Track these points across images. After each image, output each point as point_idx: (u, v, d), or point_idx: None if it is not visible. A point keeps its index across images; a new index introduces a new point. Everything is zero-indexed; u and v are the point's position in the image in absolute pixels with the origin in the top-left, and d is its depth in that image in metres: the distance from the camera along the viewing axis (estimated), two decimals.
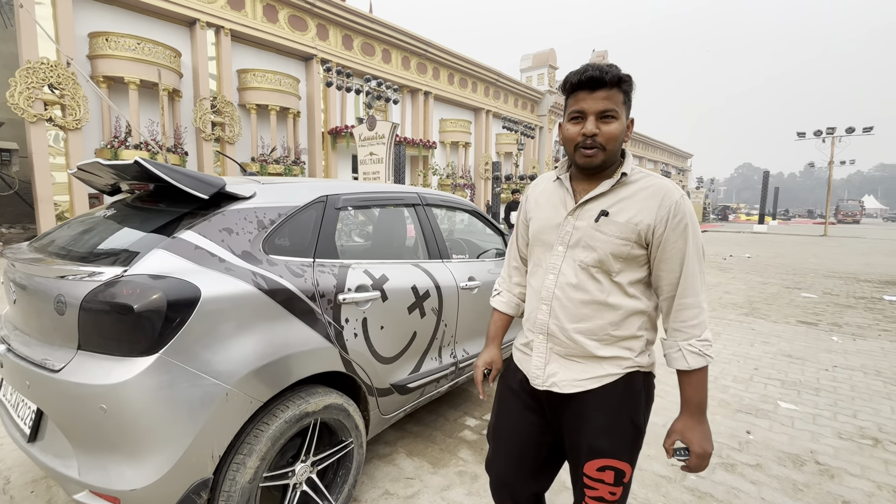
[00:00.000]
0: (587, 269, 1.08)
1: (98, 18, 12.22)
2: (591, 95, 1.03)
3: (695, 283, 1.05)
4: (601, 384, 1.10)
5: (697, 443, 1.06)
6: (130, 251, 1.39)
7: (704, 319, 1.06)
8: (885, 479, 2.17)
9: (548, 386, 1.14)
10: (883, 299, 6.73)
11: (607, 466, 1.10)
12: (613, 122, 1.03)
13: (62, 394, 1.29)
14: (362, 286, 1.83)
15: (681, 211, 1.04)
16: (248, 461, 1.40)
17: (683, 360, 1.06)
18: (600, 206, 1.08)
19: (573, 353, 1.12)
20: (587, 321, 1.09)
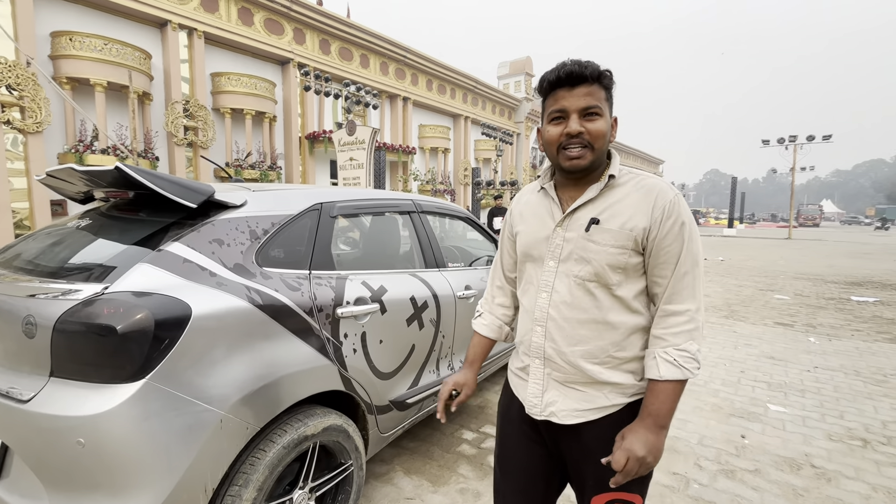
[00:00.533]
0: (583, 284, 0.99)
1: (61, 17, 11.68)
2: (572, 92, 0.94)
3: (683, 289, 0.95)
4: (604, 414, 1.01)
5: (632, 442, 0.92)
6: (111, 266, 1.26)
7: (691, 329, 0.94)
8: (878, 481, 2.20)
9: (546, 416, 1.04)
10: (851, 300, 7.01)
11: (617, 500, 1.01)
12: (598, 119, 0.95)
13: (32, 427, 1.15)
14: (361, 298, 1.74)
15: (675, 209, 0.95)
16: (245, 493, 1.29)
17: (656, 368, 0.94)
18: (590, 213, 0.99)
19: (572, 380, 1.02)
20: (586, 343, 0.99)
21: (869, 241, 22.04)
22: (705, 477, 2.21)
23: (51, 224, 1.83)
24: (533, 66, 28.55)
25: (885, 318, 5.78)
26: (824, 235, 27.95)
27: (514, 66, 28.57)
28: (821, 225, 49.19)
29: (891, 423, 2.82)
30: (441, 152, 22.78)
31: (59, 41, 11.41)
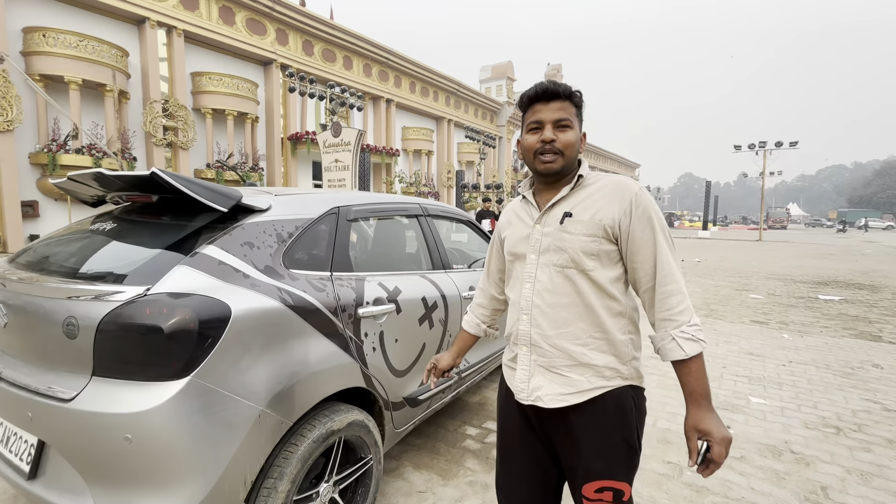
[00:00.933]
0: (562, 271, 1.09)
1: (34, 12, 11.29)
2: (547, 106, 1.09)
3: (672, 270, 1.04)
4: (586, 399, 1.08)
5: (717, 431, 0.99)
6: (147, 268, 1.30)
7: (689, 304, 1.04)
8: (852, 464, 2.38)
9: (532, 400, 1.12)
10: (819, 298, 7.40)
11: (605, 487, 1.08)
12: (569, 130, 1.09)
13: (76, 425, 1.18)
14: (379, 299, 1.81)
15: (642, 201, 1.06)
16: (280, 485, 1.34)
17: (679, 348, 1.00)
18: (563, 209, 1.11)
19: (556, 364, 1.09)
20: (569, 325, 1.08)
21: (832, 243, 23.13)
22: None
23: (70, 227, 1.84)
24: (514, 70, 28.93)
25: (849, 315, 6.13)
26: (792, 237, 29.17)
27: (496, 70, 28.90)
28: (788, 227, 51.28)
29: (860, 412, 3.04)
30: (425, 154, 22.85)
31: (32, 37, 11.04)
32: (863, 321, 5.82)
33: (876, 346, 4.69)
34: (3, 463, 1.37)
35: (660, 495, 2.09)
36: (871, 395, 3.35)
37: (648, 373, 3.74)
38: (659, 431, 2.72)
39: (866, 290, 8.36)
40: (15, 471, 1.32)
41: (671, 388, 3.43)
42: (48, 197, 11.66)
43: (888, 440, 2.66)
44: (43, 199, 11.62)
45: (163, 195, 1.58)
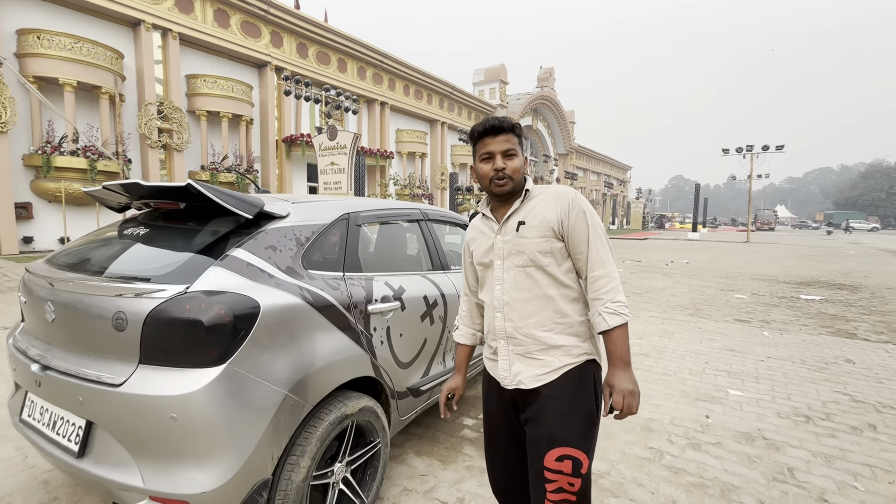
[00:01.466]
0: (523, 269, 1.29)
1: (28, 14, 11.31)
2: (495, 139, 1.29)
3: (601, 257, 1.25)
4: (558, 375, 1.26)
5: (619, 384, 1.20)
6: (185, 269, 1.47)
7: (616, 286, 1.24)
8: (817, 448, 2.60)
9: (515, 384, 1.30)
10: (800, 298, 7.68)
11: (565, 456, 1.20)
12: (515, 158, 1.29)
13: (125, 407, 1.34)
14: (386, 297, 1.99)
15: (576, 203, 1.27)
16: (301, 461, 1.51)
17: (604, 321, 1.22)
18: (517, 218, 1.31)
19: (530, 350, 1.28)
20: (535, 315, 1.28)
21: (817, 244, 23.67)
22: (676, 450, 2.56)
23: (97, 232, 1.99)
24: (507, 73, 29.20)
25: (828, 314, 6.41)
26: (779, 239, 29.76)
27: (489, 74, 29.16)
28: (776, 229, 52.18)
29: (830, 403, 3.27)
30: (418, 157, 23.03)
31: (26, 39, 11.07)
32: (840, 319, 6.09)
33: (851, 342, 4.95)
34: (51, 445, 1.52)
35: (641, 476, 2.29)
36: (842, 387, 3.58)
37: (635, 368, 3.94)
38: (642, 420, 2.92)
39: (847, 290, 8.68)
40: (64, 451, 1.48)
41: (655, 381, 3.64)
42: (42, 199, 11.66)
43: (853, 427, 2.88)
44: (36, 201, 11.62)
45: (190, 202, 1.75)
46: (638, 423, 2.89)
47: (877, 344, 4.89)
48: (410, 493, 2.10)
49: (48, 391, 1.52)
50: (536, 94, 31.98)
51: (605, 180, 45.64)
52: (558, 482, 1.20)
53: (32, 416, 1.63)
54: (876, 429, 2.86)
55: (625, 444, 2.62)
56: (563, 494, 1.20)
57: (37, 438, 1.58)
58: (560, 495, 1.20)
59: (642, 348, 4.58)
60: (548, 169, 34.26)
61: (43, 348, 1.60)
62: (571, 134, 37.21)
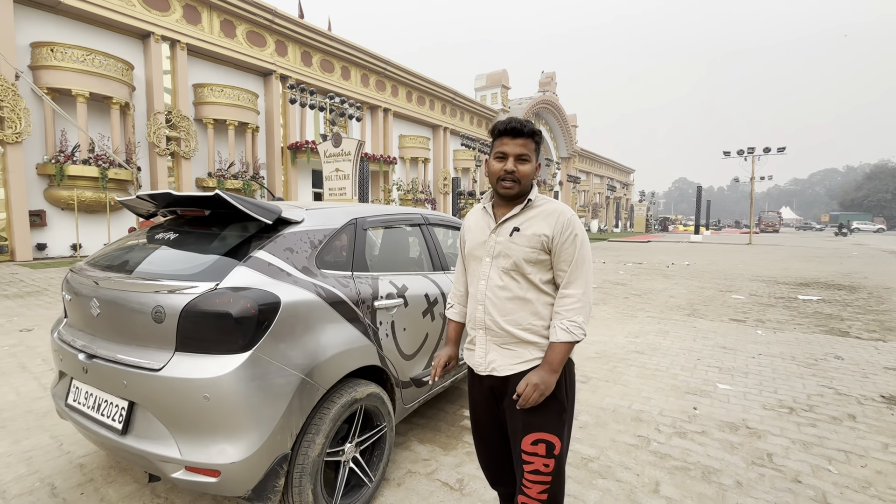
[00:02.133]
0: (507, 272, 1.37)
1: (42, 28, 11.68)
2: (513, 141, 1.35)
3: (576, 279, 1.33)
4: (530, 367, 1.36)
5: (531, 377, 1.31)
6: (214, 268, 1.67)
7: (580, 307, 1.32)
8: (797, 437, 2.76)
9: (489, 371, 1.41)
10: (797, 298, 7.81)
11: (539, 440, 1.33)
12: (527, 163, 1.35)
13: (165, 388, 1.54)
14: (390, 294, 2.18)
15: (571, 225, 1.34)
16: (317, 439, 1.70)
17: (555, 333, 1.33)
18: (513, 224, 1.38)
19: (506, 342, 1.39)
20: (513, 314, 1.37)
21: (821, 246, 23.68)
22: (663, 437, 2.73)
23: (129, 237, 2.20)
24: (509, 78, 29.48)
25: (824, 314, 6.54)
26: (782, 241, 29.77)
27: (491, 79, 29.45)
28: (780, 231, 52.03)
29: (814, 396, 3.42)
30: (421, 162, 23.28)
31: (40, 52, 11.42)
32: (835, 319, 6.23)
33: (842, 340, 5.09)
34: (96, 425, 1.72)
35: (628, 460, 2.46)
36: (828, 382, 3.74)
37: (629, 365, 4.12)
38: (633, 412, 3.09)
39: (845, 290, 8.79)
40: (109, 430, 1.67)
41: (647, 377, 3.81)
42: (55, 206, 11.97)
43: (833, 417, 3.04)
44: (50, 209, 11.93)
45: (215, 210, 1.95)
46: (629, 414, 3.06)
47: (867, 341, 5.03)
48: (414, 474, 2.29)
49: (94, 377, 1.72)
50: (538, 98, 32.25)
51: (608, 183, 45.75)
52: (534, 463, 1.34)
53: (77, 400, 1.83)
54: (855, 419, 3.02)
55: (615, 432, 2.79)
56: (538, 476, 1.34)
57: (82, 420, 1.78)
58: (536, 476, 1.34)
59: (637, 346, 4.75)
60: (550, 173, 34.44)
61: (88, 340, 1.80)
62: (574, 138, 37.43)
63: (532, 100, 31.81)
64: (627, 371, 3.94)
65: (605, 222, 45.43)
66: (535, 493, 1.35)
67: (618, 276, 10.86)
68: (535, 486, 1.35)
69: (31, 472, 2.26)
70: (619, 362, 4.18)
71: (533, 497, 1.35)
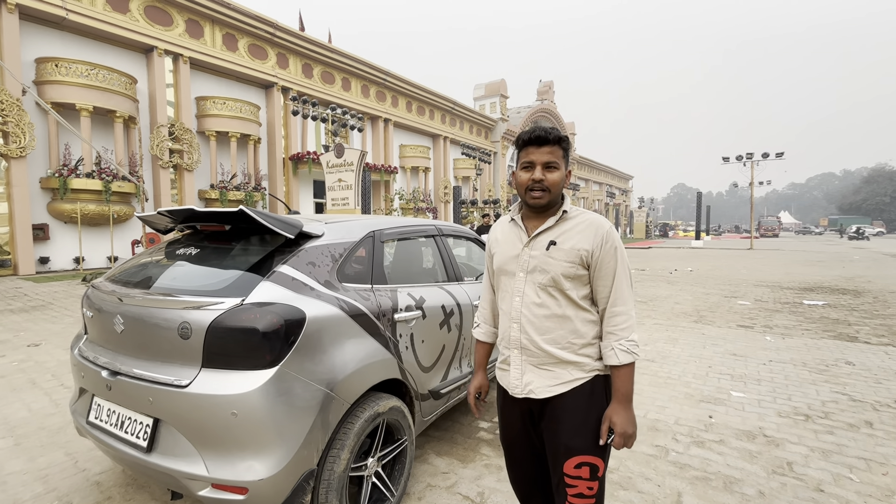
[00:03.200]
0: (545, 288, 1.30)
1: (47, 44, 11.81)
2: (539, 150, 1.29)
3: (623, 295, 1.28)
4: (570, 388, 1.29)
5: (621, 425, 1.25)
6: (239, 284, 1.67)
7: (632, 324, 1.27)
8: (816, 444, 2.75)
9: (525, 393, 1.33)
10: (803, 303, 7.81)
11: (583, 463, 1.27)
12: (556, 171, 1.29)
13: (192, 405, 1.53)
14: (409, 306, 2.19)
15: (611, 238, 1.29)
16: (342, 454, 1.69)
17: (615, 356, 1.26)
18: (549, 237, 1.32)
19: (544, 363, 1.31)
20: (551, 332, 1.30)
21: (822, 250, 23.70)
22: (681, 447, 2.71)
23: (149, 252, 2.21)
24: (507, 88, 29.72)
25: (830, 319, 6.53)
26: (783, 245, 29.81)
27: (490, 88, 29.69)
28: (780, 235, 52.12)
29: (829, 402, 3.41)
30: (422, 171, 23.39)
31: (45, 67, 11.53)
32: (842, 324, 6.22)
33: (851, 345, 5.08)
34: (120, 443, 1.71)
35: (648, 471, 2.44)
36: (841, 388, 3.72)
37: (641, 373, 4.10)
38: (649, 421, 3.07)
39: (850, 294, 8.78)
40: (133, 447, 1.66)
41: (661, 385, 3.79)
42: (58, 220, 12.01)
43: (850, 424, 3.02)
44: (53, 222, 11.96)
45: (235, 224, 1.96)
46: (645, 423, 3.05)
47: (877, 346, 5.02)
48: (434, 488, 2.27)
49: (118, 394, 1.72)
50: (537, 107, 32.49)
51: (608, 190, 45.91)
52: (578, 487, 1.29)
53: (100, 417, 1.82)
54: (872, 426, 3.00)
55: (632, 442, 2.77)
56: (583, 499, 1.29)
57: (104, 437, 1.77)
58: (581, 500, 1.29)
59: (648, 354, 4.73)
60: None
61: (111, 356, 1.80)
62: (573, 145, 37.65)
63: (530, 108, 32.04)
64: (640, 380, 3.92)
65: None
66: None
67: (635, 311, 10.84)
68: None
69: (49, 490, 2.24)
70: None
71: None
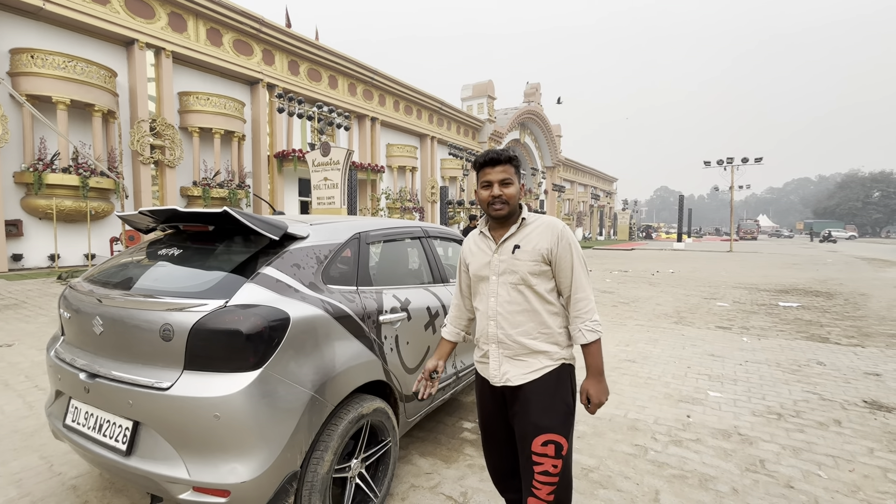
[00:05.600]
0: (515, 286, 1.51)
1: (22, 34, 11.44)
2: (494, 169, 1.52)
3: (582, 282, 1.49)
4: (540, 374, 1.49)
5: (595, 395, 1.50)
6: (222, 285, 1.66)
7: (593, 307, 1.50)
8: (787, 442, 2.84)
9: (504, 382, 1.53)
10: (778, 305, 8.04)
11: (549, 441, 1.44)
12: (511, 186, 1.52)
13: (173, 407, 1.52)
14: (394, 308, 2.20)
15: (565, 236, 1.50)
16: (325, 455, 1.70)
17: (583, 336, 1.48)
18: (513, 242, 1.53)
19: (518, 353, 1.51)
20: (523, 325, 1.50)
21: (797, 253, 24.40)
22: (659, 446, 2.78)
23: (130, 252, 2.17)
24: (495, 89, 29.85)
25: (804, 320, 6.75)
26: (761, 248, 30.58)
27: (478, 89, 29.77)
28: (758, 238, 53.47)
29: (800, 402, 3.53)
30: (409, 171, 23.33)
31: (19, 58, 11.18)
32: (815, 325, 6.43)
33: (823, 346, 5.26)
34: (98, 446, 1.68)
35: (628, 470, 2.50)
36: (812, 387, 3.85)
37: (622, 374, 4.18)
38: (629, 421, 3.14)
39: (822, 296, 9.07)
40: (112, 451, 1.63)
41: (641, 385, 3.87)
42: (32, 216, 11.64)
43: (820, 423, 3.14)
44: (27, 219, 11.59)
45: (219, 225, 1.95)
46: (625, 423, 3.11)
47: (847, 347, 5.20)
48: (417, 489, 2.29)
49: (97, 397, 1.69)
50: (523, 109, 32.71)
51: (592, 192, 46.47)
52: (544, 465, 1.44)
53: (77, 420, 1.79)
54: (841, 424, 3.12)
55: (612, 441, 2.83)
56: (548, 476, 1.44)
57: (82, 441, 1.74)
58: (546, 477, 1.44)
59: (629, 355, 4.83)
60: (536, 182, 34.85)
61: (90, 358, 1.77)
62: (558, 147, 37.97)
63: (517, 110, 32.24)
64: (621, 380, 4.00)
65: (589, 230, 46.04)
66: (544, 493, 1.44)
67: (605, 284, 11.01)
68: (544, 486, 1.44)
69: (23, 494, 2.19)
70: (612, 371, 4.24)
71: (542, 498, 1.44)
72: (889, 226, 71.77)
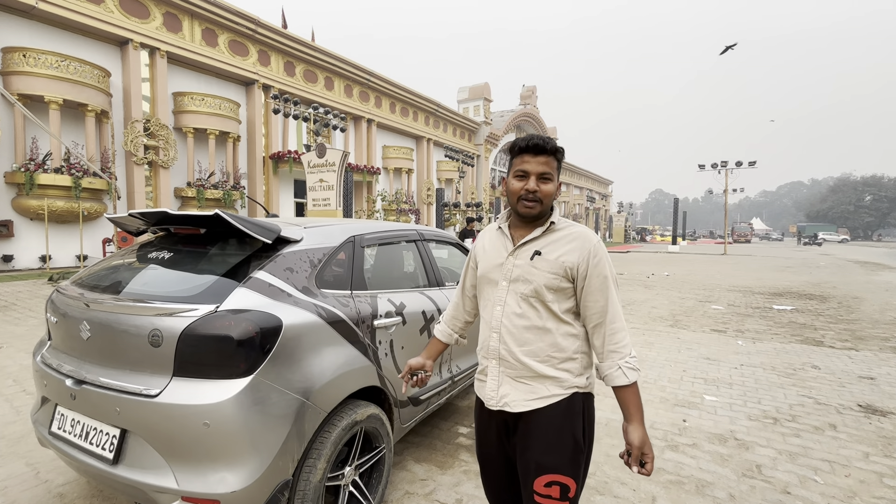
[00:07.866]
0: (526, 299, 1.26)
1: (14, 33, 11.33)
2: (535, 159, 1.25)
3: (618, 311, 1.25)
4: (546, 404, 1.24)
5: (648, 449, 1.22)
6: (213, 289, 1.63)
7: (629, 341, 1.26)
8: (783, 447, 2.84)
9: (500, 406, 1.29)
10: (773, 308, 8.07)
11: (553, 482, 1.21)
12: (549, 182, 1.26)
13: (162, 415, 1.48)
14: (389, 313, 2.17)
15: (599, 252, 1.25)
16: (318, 463, 1.66)
17: (624, 376, 1.22)
18: (534, 247, 1.28)
19: (521, 375, 1.27)
20: (530, 344, 1.26)
21: (791, 256, 24.58)
22: (656, 451, 2.76)
23: (119, 255, 2.13)
24: (491, 91, 29.92)
25: (798, 323, 6.77)
26: (755, 251, 30.78)
27: (474, 92, 29.83)
28: (752, 241, 53.85)
29: (796, 406, 3.53)
30: (405, 173, 23.32)
31: (12, 57, 11.07)
32: (809, 328, 6.45)
33: (817, 350, 5.27)
34: (84, 454, 1.64)
35: (624, 476, 2.48)
36: (807, 391, 3.86)
37: None
38: None
39: (816, 300, 9.12)
40: (99, 459, 1.59)
41: None
42: (23, 217, 11.52)
43: (815, 427, 3.13)
44: (18, 219, 11.46)
45: (211, 228, 1.91)
46: (619, 427, 3.09)
47: (841, 351, 5.22)
48: (412, 496, 2.25)
49: (83, 404, 1.65)
50: (519, 111, 32.80)
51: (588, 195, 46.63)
52: None
53: (63, 428, 1.75)
54: (836, 428, 3.12)
55: (608, 447, 2.81)
56: None
57: (68, 449, 1.69)
58: None
59: None
60: None
61: (76, 364, 1.72)
62: None
63: (513, 112, 32.33)
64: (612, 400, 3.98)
65: None
66: None
67: None
68: None
69: (8, 502, 2.14)
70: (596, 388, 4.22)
71: None
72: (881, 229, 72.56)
